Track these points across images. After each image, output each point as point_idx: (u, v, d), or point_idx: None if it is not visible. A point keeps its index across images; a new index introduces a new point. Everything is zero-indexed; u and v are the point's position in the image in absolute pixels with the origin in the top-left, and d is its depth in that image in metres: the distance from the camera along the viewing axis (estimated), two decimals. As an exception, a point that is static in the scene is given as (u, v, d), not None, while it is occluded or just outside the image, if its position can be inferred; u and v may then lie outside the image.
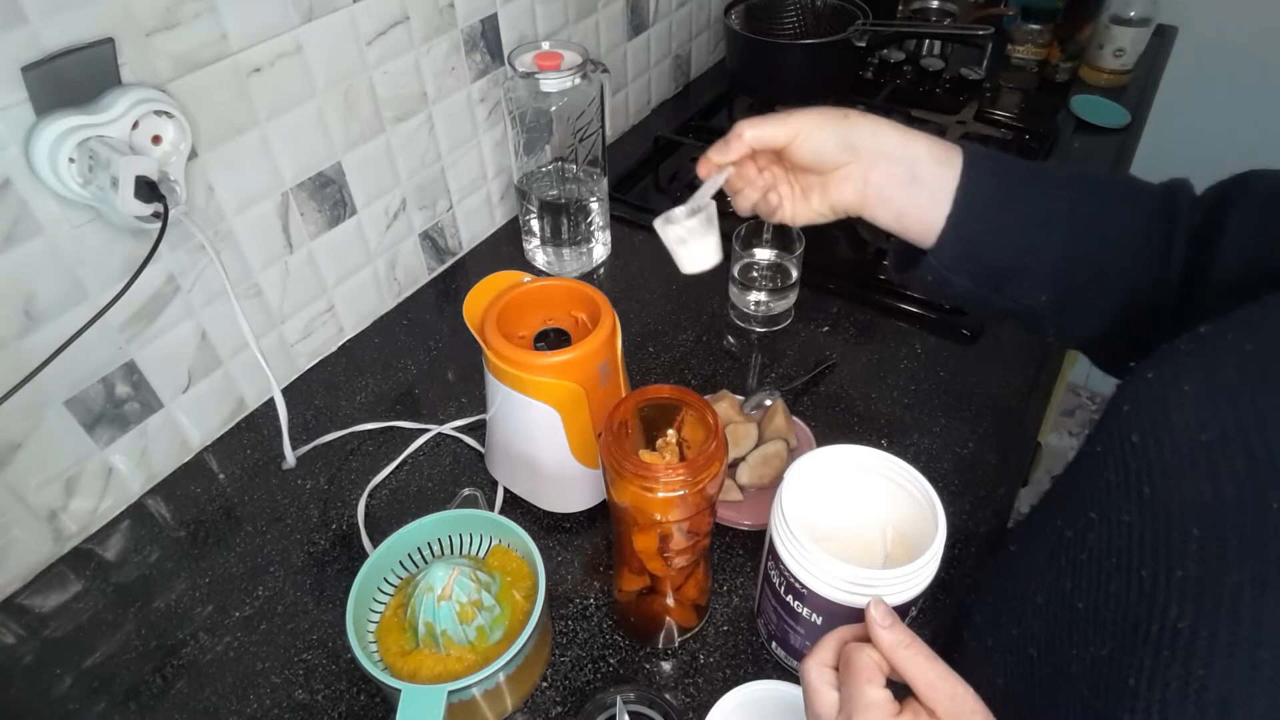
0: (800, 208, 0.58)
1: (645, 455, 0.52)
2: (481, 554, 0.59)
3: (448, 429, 0.76)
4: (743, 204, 0.59)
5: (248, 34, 0.64)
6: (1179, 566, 0.34)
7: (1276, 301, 0.39)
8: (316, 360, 0.83)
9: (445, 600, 0.51)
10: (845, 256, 0.95)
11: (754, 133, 0.54)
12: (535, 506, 0.69)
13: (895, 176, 0.53)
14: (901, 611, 0.50)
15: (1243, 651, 0.30)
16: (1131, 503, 0.38)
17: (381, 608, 0.56)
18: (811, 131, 0.53)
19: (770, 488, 0.67)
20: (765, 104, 1.20)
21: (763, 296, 0.84)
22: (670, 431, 0.53)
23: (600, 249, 0.94)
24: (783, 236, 0.84)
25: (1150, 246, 0.51)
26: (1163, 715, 0.31)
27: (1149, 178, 0.55)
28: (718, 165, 0.57)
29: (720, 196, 0.57)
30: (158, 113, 0.57)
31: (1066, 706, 0.38)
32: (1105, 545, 0.39)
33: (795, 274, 0.84)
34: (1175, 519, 0.36)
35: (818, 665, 0.40)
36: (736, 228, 0.83)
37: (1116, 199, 0.53)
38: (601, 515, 0.69)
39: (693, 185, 1.09)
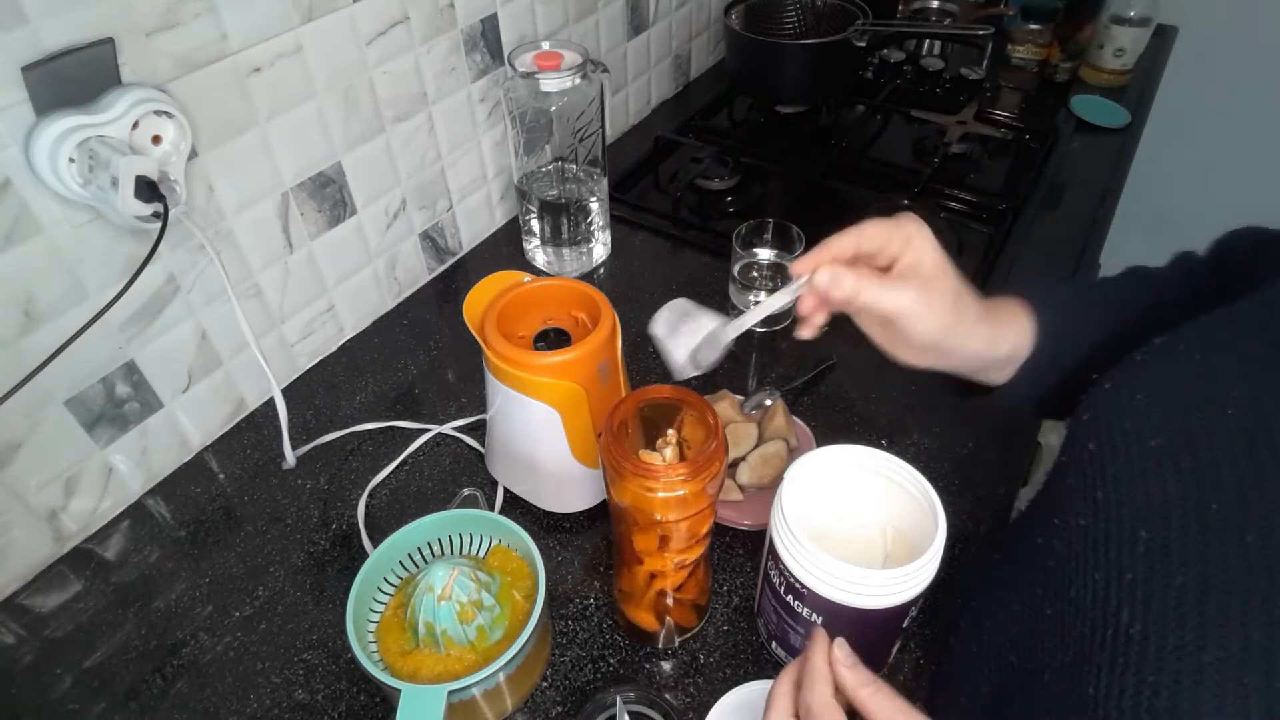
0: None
1: (645, 455, 0.52)
2: (481, 554, 0.59)
3: (448, 429, 0.76)
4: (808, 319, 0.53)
5: (248, 34, 0.64)
6: (1129, 569, 0.35)
7: (1222, 315, 0.41)
8: (316, 360, 0.83)
9: (445, 600, 0.51)
10: (845, 256, 0.95)
11: (866, 297, 0.48)
12: (535, 506, 0.69)
13: (970, 367, 0.53)
14: (901, 611, 0.50)
15: (1189, 655, 0.31)
16: (1087, 507, 0.40)
17: (381, 608, 0.56)
18: (919, 320, 0.48)
19: (770, 488, 0.67)
20: (765, 104, 1.20)
21: (763, 296, 0.84)
22: (670, 431, 0.53)
23: (600, 249, 0.94)
24: (783, 236, 0.84)
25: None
26: None
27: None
28: (812, 282, 0.49)
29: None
30: (158, 113, 0.57)
31: (1041, 717, 0.39)
32: (1066, 550, 0.41)
33: (795, 274, 0.83)
34: (1125, 522, 0.37)
35: (781, 715, 0.41)
36: (737, 227, 0.83)
37: (1145, 295, 0.56)
38: (601, 515, 0.69)
39: (693, 186, 1.09)
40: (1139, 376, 0.42)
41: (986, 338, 0.51)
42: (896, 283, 0.48)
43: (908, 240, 0.49)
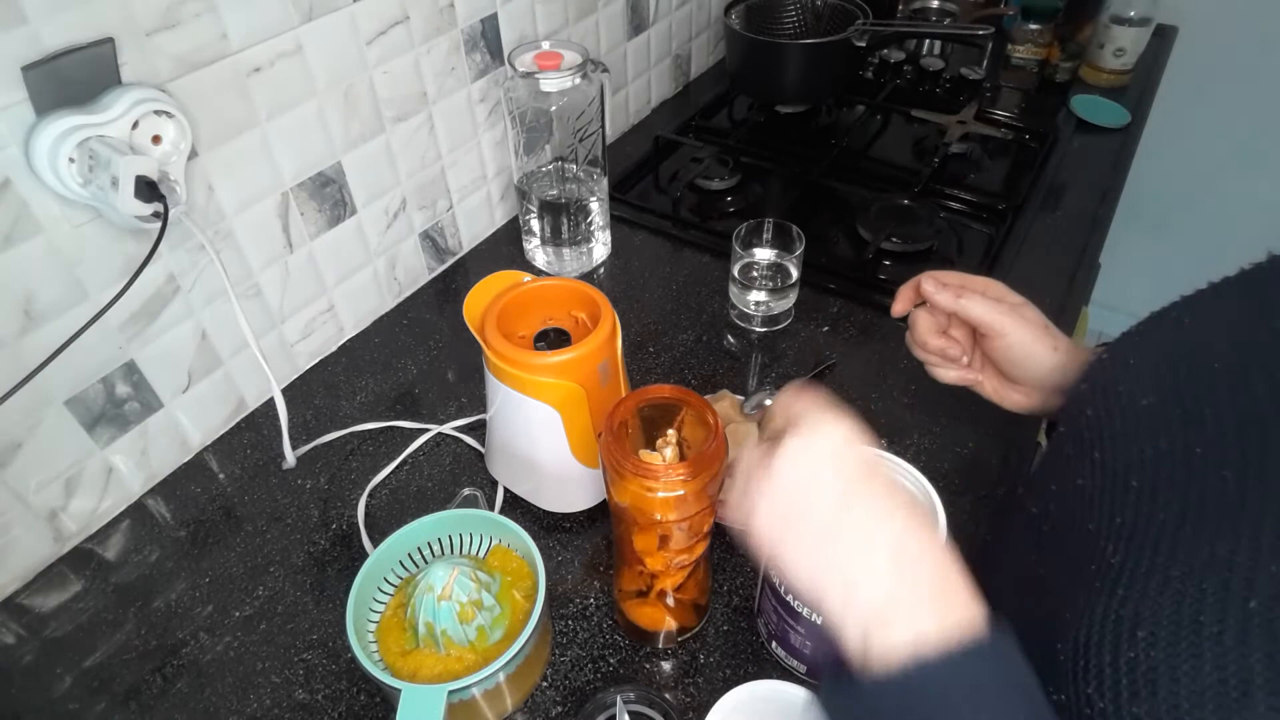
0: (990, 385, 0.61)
1: (645, 455, 0.52)
2: (481, 554, 0.59)
3: (448, 429, 0.76)
4: (943, 375, 0.63)
5: (248, 34, 0.64)
6: (1119, 514, 0.37)
7: (1210, 288, 0.43)
8: (316, 360, 0.83)
9: (445, 600, 0.51)
10: (845, 256, 0.95)
11: (971, 306, 0.56)
12: (535, 506, 0.69)
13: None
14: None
15: (1158, 571, 0.33)
16: (1085, 468, 0.41)
17: (381, 608, 0.56)
18: (1016, 334, 0.56)
19: (770, 488, 0.67)
20: (765, 104, 1.20)
21: (763, 296, 0.84)
22: (670, 431, 0.53)
23: (600, 249, 0.94)
24: (783, 236, 0.84)
25: None
26: (1086, 635, 0.34)
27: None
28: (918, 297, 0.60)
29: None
30: (158, 112, 0.57)
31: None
32: (1062, 511, 0.43)
33: (795, 274, 0.84)
34: (1119, 476, 0.39)
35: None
36: (736, 228, 0.83)
37: None
38: (601, 515, 0.68)
39: (693, 186, 1.09)
40: (1133, 344, 0.44)
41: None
42: (991, 302, 0.56)
43: (986, 283, 0.58)
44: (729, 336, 0.85)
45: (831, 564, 0.35)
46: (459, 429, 0.76)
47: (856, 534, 0.35)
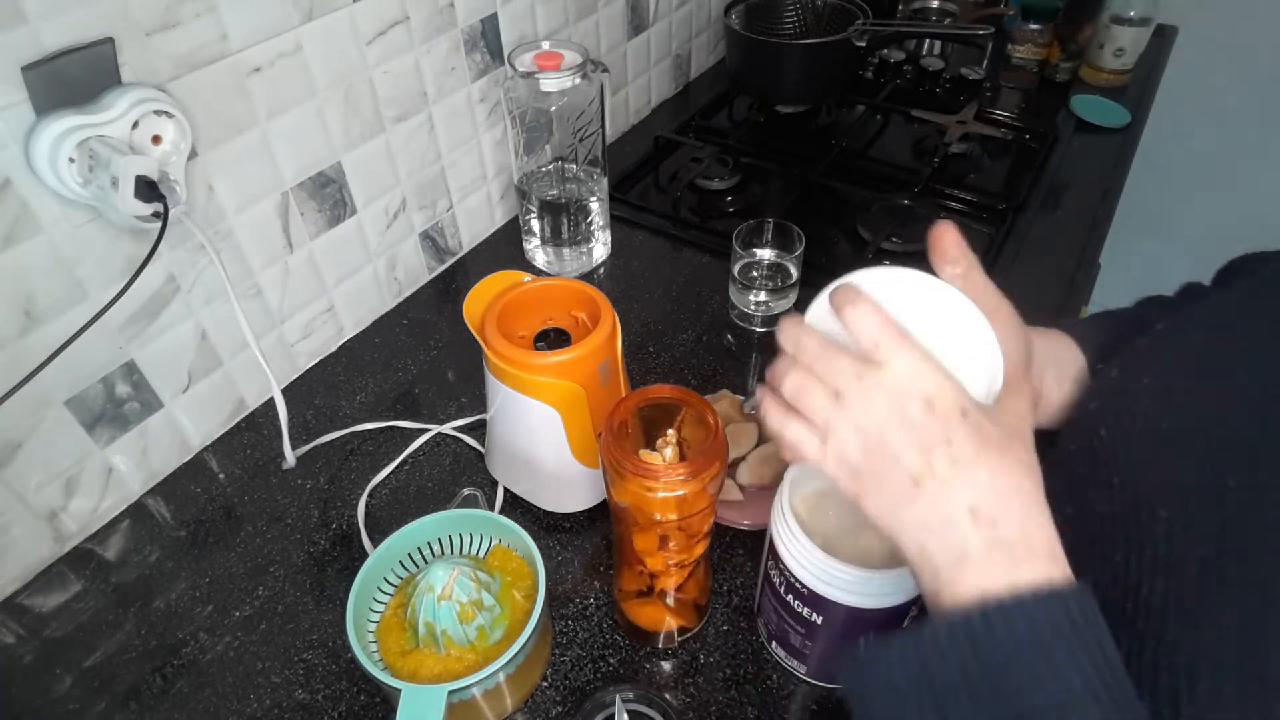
0: None
1: (645, 455, 0.52)
2: (481, 554, 0.59)
3: (448, 429, 0.76)
4: None
5: (248, 34, 0.64)
6: (1149, 546, 0.36)
7: (1219, 300, 0.42)
8: (316, 360, 0.83)
9: (445, 600, 0.51)
10: (845, 256, 0.95)
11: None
12: (535, 506, 0.69)
13: (1055, 411, 0.54)
14: (902, 611, 0.50)
15: (1210, 617, 0.32)
16: (1103, 493, 0.40)
17: (381, 608, 0.56)
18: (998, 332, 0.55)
19: (770, 488, 0.67)
20: (765, 104, 1.20)
21: (763, 296, 0.84)
22: (670, 431, 0.53)
23: (600, 249, 0.94)
24: (783, 236, 0.84)
25: None
26: (1137, 683, 0.32)
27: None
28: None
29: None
30: (158, 112, 0.57)
31: None
32: (1079, 537, 0.42)
33: (795, 274, 0.84)
34: (1144, 503, 0.38)
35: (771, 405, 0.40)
36: (737, 228, 0.83)
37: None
38: (601, 515, 0.69)
39: (693, 186, 1.09)
40: (1144, 361, 0.43)
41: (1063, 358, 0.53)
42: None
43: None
44: (729, 336, 0.85)
45: (912, 515, 0.35)
46: (459, 429, 0.76)
47: (939, 486, 0.34)
